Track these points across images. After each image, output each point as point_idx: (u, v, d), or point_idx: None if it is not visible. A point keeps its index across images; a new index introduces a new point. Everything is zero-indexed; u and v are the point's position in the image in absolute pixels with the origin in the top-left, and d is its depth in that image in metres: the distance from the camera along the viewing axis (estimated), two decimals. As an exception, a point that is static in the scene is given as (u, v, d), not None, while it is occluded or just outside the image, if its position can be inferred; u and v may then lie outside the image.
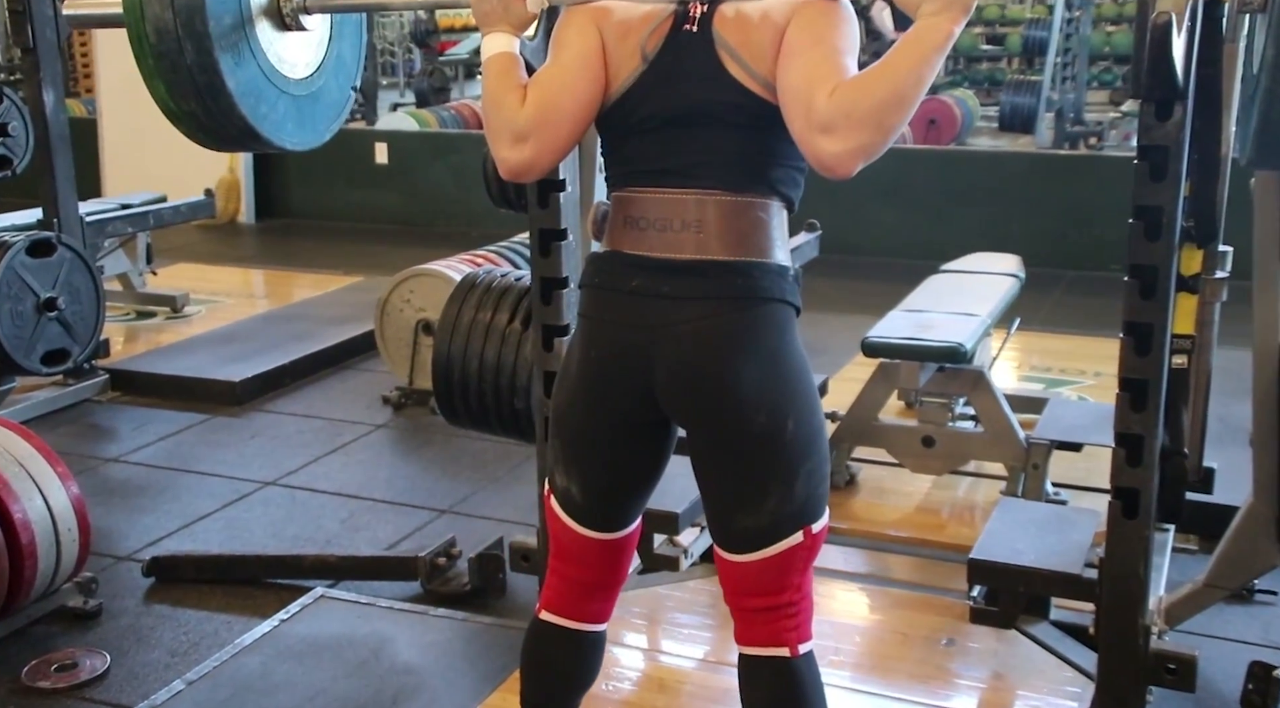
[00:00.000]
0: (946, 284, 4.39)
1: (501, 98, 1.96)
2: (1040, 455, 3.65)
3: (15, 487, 3.14)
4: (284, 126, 2.47)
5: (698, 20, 1.93)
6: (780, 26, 1.86)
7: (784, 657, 2.01)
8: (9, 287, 4.45)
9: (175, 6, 2.14)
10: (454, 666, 2.97)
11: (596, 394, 2.04)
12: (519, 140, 1.95)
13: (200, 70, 2.21)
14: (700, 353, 1.92)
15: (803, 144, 1.81)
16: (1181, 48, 2.26)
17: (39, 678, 3.07)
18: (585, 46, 1.96)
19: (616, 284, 1.98)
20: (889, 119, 1.72)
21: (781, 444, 1.93)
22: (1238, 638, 3.20)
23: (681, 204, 1.93)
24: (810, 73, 1.79)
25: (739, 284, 1.92)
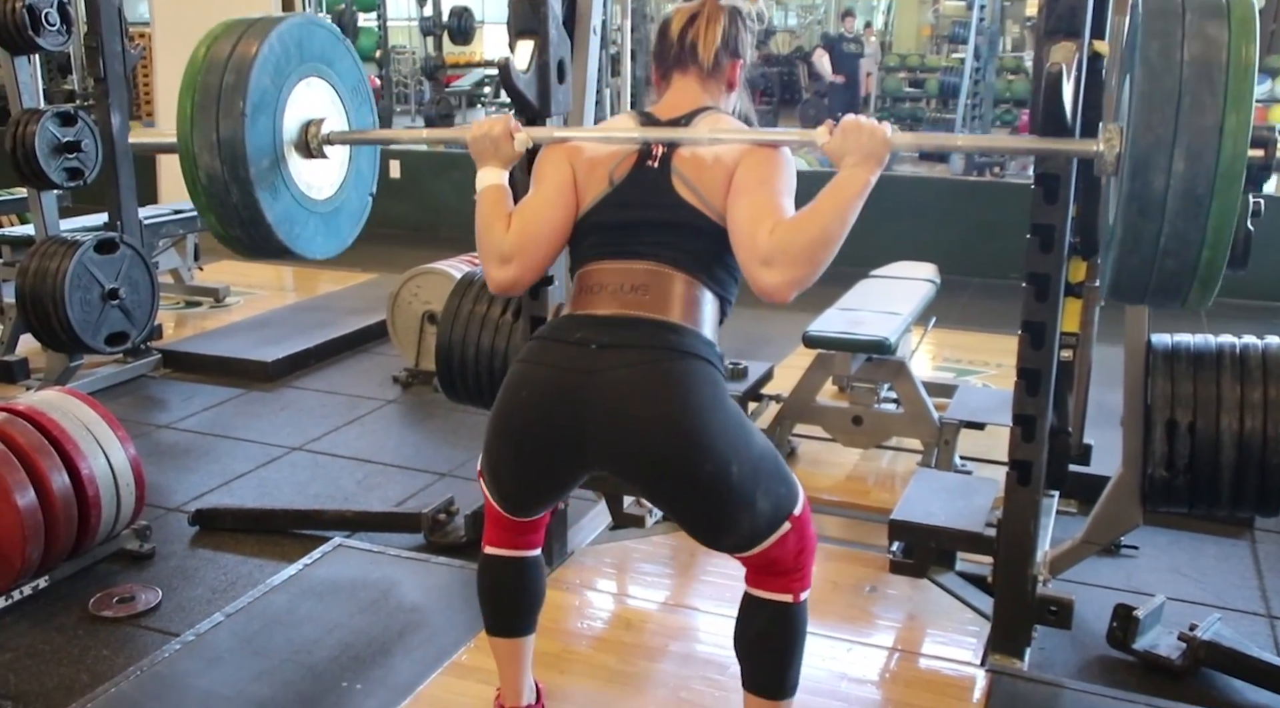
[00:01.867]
0: (874, 287, 4.41)
1: (491, 224, 1.99)
2: (950, 433, 3.67)
3: (83, 447, 3.13)
4: (314, 241, 2.48)
5: (659, 158, 1.96)
6: (730, 168, 1.89)
7: (786, 602, 2.00)
8: (79, 278, 4.42)
9: (222, 156, 2.18)
10: (452, 605, 2.96)
11: (518, 440, 1.93)
12: (504, 261, 1.97)
13: (244, 207, 2.24)
14: (636, 397, 1.82)
15: (746, 272, 1.83)
16: (1070, 92, 2.28)
17: (103, 608, 3.06)
18: (560, 179, 1.99)
19: (561, 336, 1.92)
20: (819, 255, 1.76)
21: (730, 485, 1.84)
22: (1106, 585, 3.24)
23: (632, 272, 1.91)
24: (754, 212, 1.81)
25: (670, 338, 1.85)
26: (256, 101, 2.21)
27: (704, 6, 2.04)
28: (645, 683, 2.60)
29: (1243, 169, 1.61)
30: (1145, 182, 1.65)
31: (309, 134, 2.36)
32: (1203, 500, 2.84)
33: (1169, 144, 1.61)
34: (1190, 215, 1.63)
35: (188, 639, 2.78)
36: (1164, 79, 1.63)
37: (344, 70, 2.49)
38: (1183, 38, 1.65)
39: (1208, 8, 1.68)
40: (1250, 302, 6.73)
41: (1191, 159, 1.61)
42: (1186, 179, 1.62)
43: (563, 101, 2.87)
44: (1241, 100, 1.60)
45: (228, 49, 2.23)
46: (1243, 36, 1.64)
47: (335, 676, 2.63)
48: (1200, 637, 2.78)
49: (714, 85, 2.06)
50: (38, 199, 4.66)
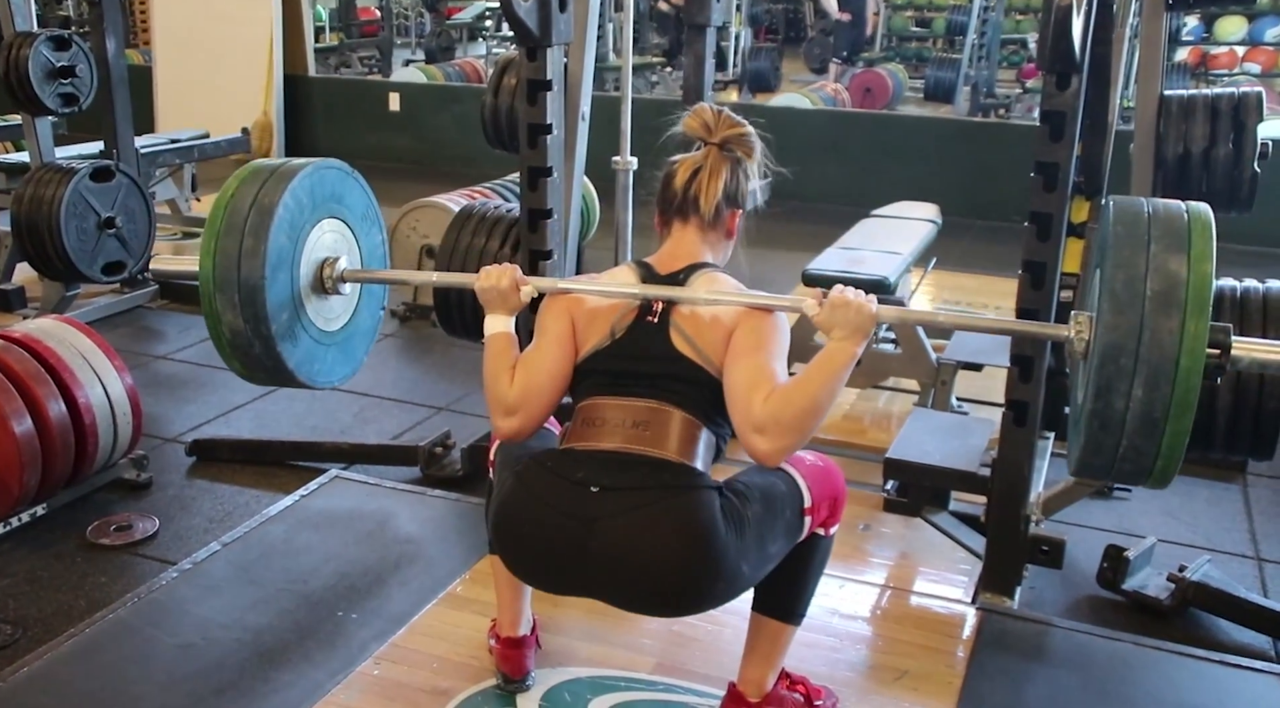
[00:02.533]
0: (875, 227, 4.37)
1: (498, 375, 2.04)
2: (947, 374, 3.66)
3: (80, 376, 3.12)
4: (333, 372, 2.53)
5: (659, 314, 2.00)
6: (729, 329, 1.94)
7: (818, 534, 2.08)
8: (75, 206, 4.38)
9: (244, 316, 2.24)
10: (447, 537, 2.98)
11: (526, 569, 2.03)
12: (509, 413, 2.02)
13: (267, 358, 2.32)
14: (640, 544, 1.85)
15: (740, 435, 1.88)
16: (1079, 28, 2.24)
17: (101, 536, 3.08)
18: (560, 330, 2.05)
19: (563, 472, 1.92)
20: (807, 423, 1.82)
21: (745, 580, 1.93)
22: (1098, 526, 3.26)
23: (634, 408, 1.95)
24: (750, 379, 1.87)
25: (666, 477, 1.89)
26: (275, 262, 2.26)
27: (707, 158, 2.06)
28: (639, 617, 2.60)
29: (1195, 399, 1.75)
30: (1107, 403, 1.78)
31: (324, 275, 2.40)
32: (1197, 443, 2.80)
33: (1130, 373, 1.74)
34: (1147, 435, 1.78)
35: (185, 568, 2.80)
36: (1127, 313, 1.75)
37: (353, 202, 2.51)
38: (1146, 272, 1.77)
39: (1171, 238, 1.80)
40: (1254, 247, 6.69)
41: (1149, 388, 1.74)
42: (1145, 404, 1.75)
43: (564, 31, 2.83)
44: (1197, 339, 1.73)
45: (246, 207, 2.26)
46: (1199, 273, 1.76)
47: (331, 605, 2.65)
48: (1189, 578, 2.80)
49: (713, 235, 2.09)
50: (32, 125, 4.60)
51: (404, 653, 2.44)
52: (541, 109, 2.82)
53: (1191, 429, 2.71)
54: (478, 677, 2.35)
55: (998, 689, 2.39)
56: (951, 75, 11.23)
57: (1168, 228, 1.80)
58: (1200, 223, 1.82)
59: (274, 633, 2.53)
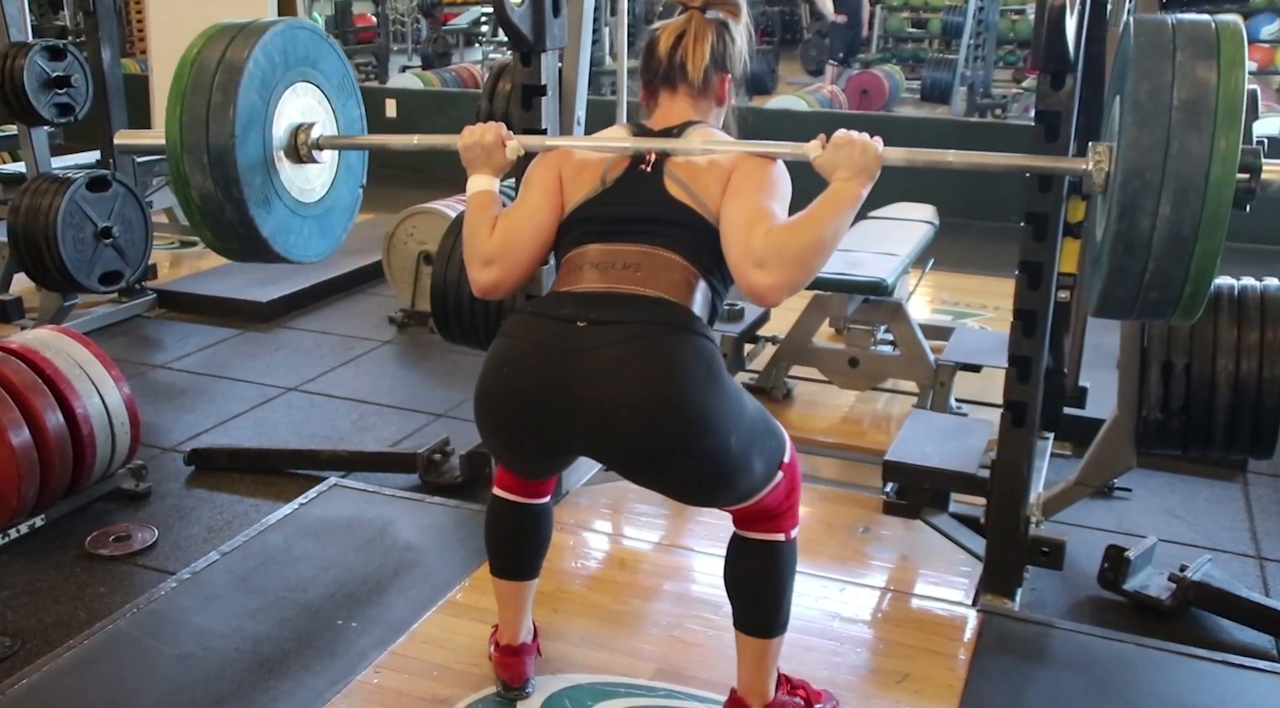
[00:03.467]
0: (873, 228, 4.36)
1: (477, 228, 1.97)
2: (946, 375, 3.66)
3: (77, 387, 3.11)
4: (309, 245, 2.46)
5: (652, 163, 1.93)
6: (727, 171, 1.87)
7: (779, 541, 2.01)
8: (72, 216, 4.38)
9: (214, 177, 2.15)
10: (447, 545, 2.97)
11: (501, 422, 1.89)
12: (487, 264, 1.95)
13: (239, 224, 2.23)
14: (628, 376, 1.75)
15: (738, 273, 1.79)
16: (1073, 27, 2.24)
17: (99, 546, 3.07)
18: (546, 183, 1.97)
19: (547, 311, 1.85)
20: (811, 260, 1.75)
21: (730, 456, 1.81)
22: (1099, 527, 3.25)
23: (624, 252, 1.87)
24: (750, 215, 1.79)
25: (662, 314, 1.80)
26: (245, 121, 2.17)
27: (690, 22, 2.00)
28: (639, 622, 2.61)
29: (1227, 215, 1.64)
30: (1132, 223, 1.67)
31: (298, 141, 2.33)
32: (1197, 443, 2.84)
33: (1156, 189, 1.64)
34: (1175, 256, 1.67)
35: (184, 577, 2.79)
36: (1153, 126, 1.65)
37: (329, 68, 2.44)
38: (1173, 80, 1.66)
39: (1198, 46, 1.68)
40: (1251, 245, 6.69)
41: (1178, 204, 1.64)
42: (1173, 222, 1.65)
43: (558, 36, 2.82)
44: (1228, 151, 1.62)
45: (213, 64, 2.16)
46: (1231, 81, 1.65)
47: (331, 613, 2.64)
48: (1190, 578, 2.79)
49: (704, 102, 2.04)
50: (28, 136, 4.59)
51: (404, 661, 2.43)
52: (536, 114, 2.82)
53: (1191, 425, 2.76)
54: (478, 685, 2.34)
55: (999, 692, 2.38)
56: (947, 76, 11.23)
57: (1194, 36, 1.68)
58: (1230, 30, 1.69)
59: (273, 642, 2.52)
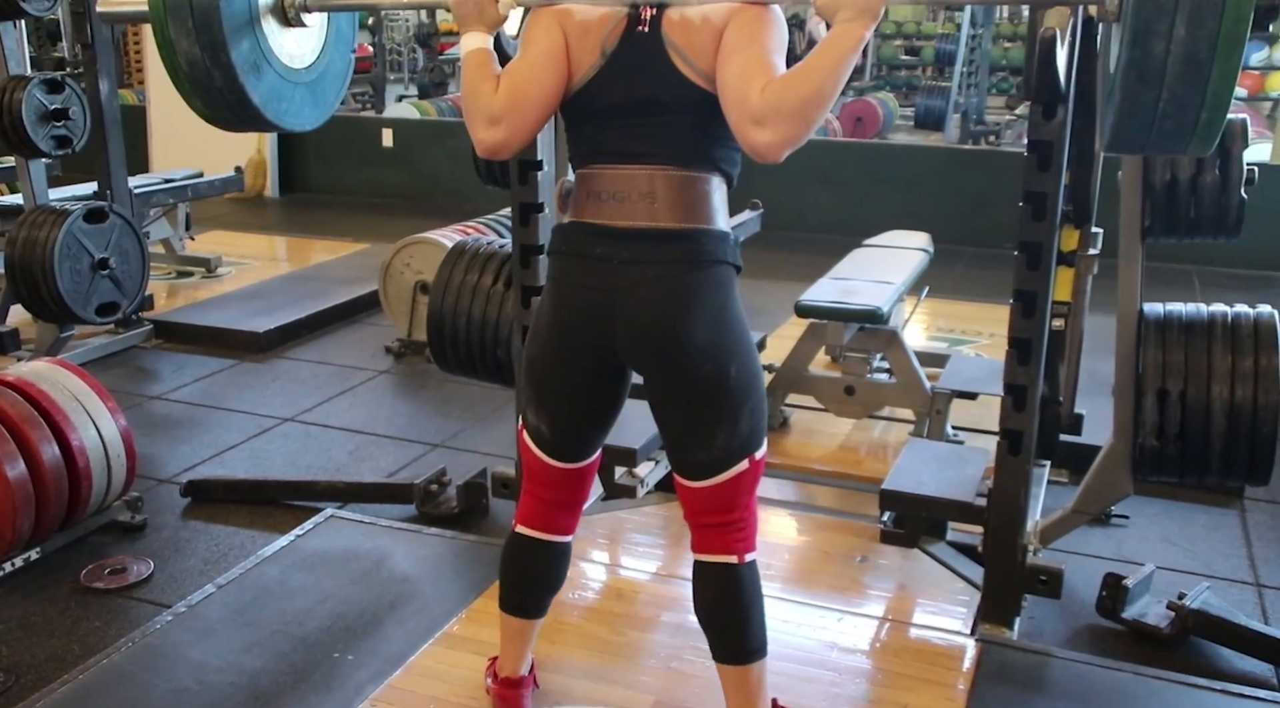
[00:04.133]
0: (867, 256, 4.38)
1: (478, 86, 1.92)
2: (942, 403, 3.66)
3: (73, 419, 3.11)
4: (301, 113, 2.44)
5: (648, 22, 1.89)
6: (719, 28, 1.84)
7: (732, 563, 2.03)
8: (69, 248, 4.39)
9: (200, 42, 2.12)
10: (444, 576, 2.96)
11: (564, 347, 2.02)
12: (493, 123, 1.91)
13: (229, 91, 2.20)
14: (656, 310, 1.91)
15: (738, 133, 1.79)
16: (1064, 58, 2.26)
17: (95, 580, 3.06)
18: (551, 43, 1.92)
19: (582, 250, 1.97)
20: (811, 112, 1.72)
21: (726, 388, 1.93)
22: (1097, 554, 3.24)
23: (636, 178, 1.92)
24: (745, 71, 1.77)
25: (688, 249, 1.91)
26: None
27: None
28: (636, 653, 2.60)
29: (1245, 32, 1.56)
30: (1145, 49, 1.61)
31: (285, 2, 2.29)
32: (1193, 470, 2.84)
33: (1170, 9, 1.58)
34: (1190, 81, 1.60)
35: (179, 611, 2.78)
36: None
37: None
38: None
39: None
40: (1246, 271, 6.73)
41: (1193, 24, 1.57)
42: (1187, 44, 1.58)
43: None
44: None
45: None
46: None
47: (327, 646, 2.63)
48: (1188, 605, 2.79)
49: None
50: (26, 168, 4.62)
51: (400, 695, 2.42)
52: (532, 146, 2.83)
53: (1186, 452, 2.76)
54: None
55: (999, 722, 2.37)
56: (941, 103, 11.32)
57: None
58: None
59: (269, 676, 2.51)
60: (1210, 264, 6.75)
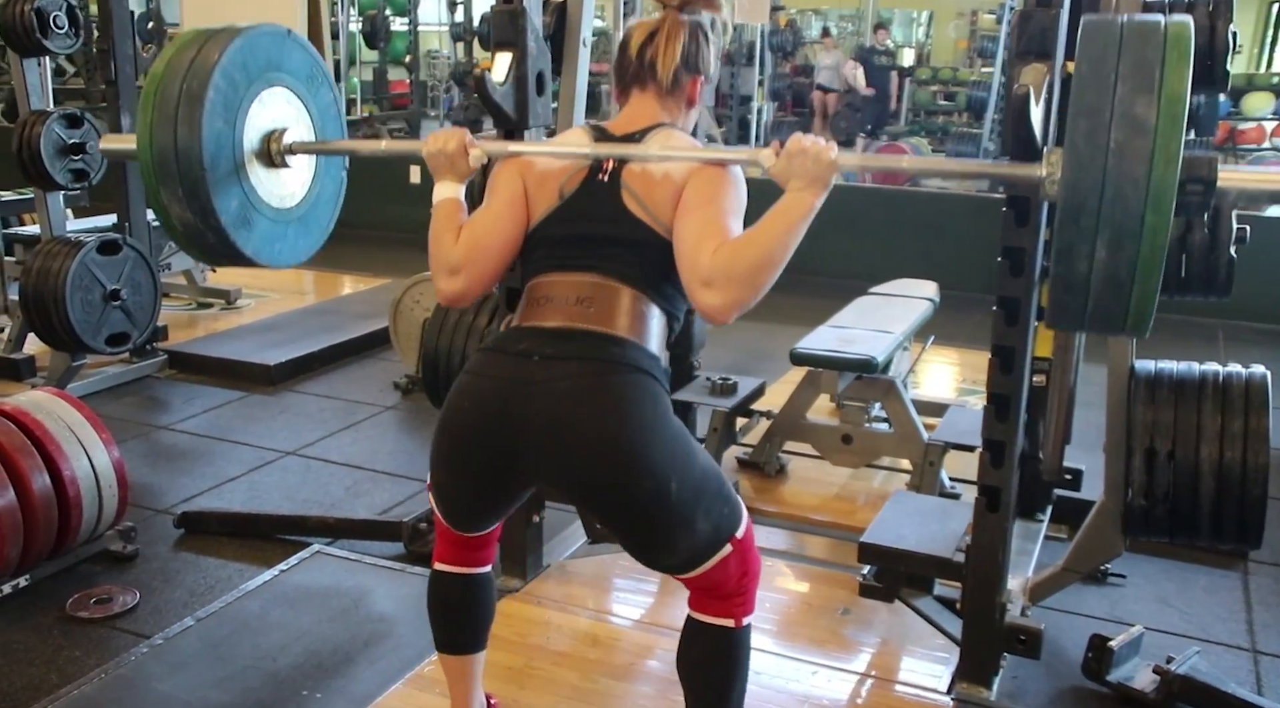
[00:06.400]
0: (870, 304, 4.37)
1: (441, 237, 2.00)
2: (935, 455, 3.63)
3: (66, 449, 3.16)
4: (296, 247, 2.52)
5: (609, 172, 1.95)
6: (679, 185, 1.88)
7: (729, 627, 1.99)
8: (81, 279, 4.48)
9: (191, 209, 2.22)
10: (421, 616, 2.85)
11: (458, 451, 1.92)
12: (453, 273, 1.97)
13: (222, 246, 2.31)
14: (576, 411, 1.80)
15: (688, 292, 1.82)
16: (1039, 115, 2.25)
17: (79, 609, 3.09)
18: (510, 193, 2.00)
19: (505, 347, 1.91)
20: (759, 278, 1.75)
21: (669, 504, 1.82)
22: (1089, 614, 3.19)
23: (578, 284, 1.91)
24: (699, 231, 1.81)
25: (614, 351, 1.85)
26: (213, 152, 2.21)
27: (664, 22, 2.02)
28: (606, 701, 2.59)
29: (1162, 259, 1.65)
30: (1070, 267, 1.71)
31: (271, 148, 2.37)
32: (1183, 531, 2.80)
33: (1091, 234, 1.66)
34: (1113, 295, 1.71)
35: (156, 643, 2.81)
36: (1089, 169, 1.66)
37: (295, 66, 2.45)
38: (1110, 119, 1.65)
39: (1140, 76, 1.66)
40: (1273, 326, 6.63)
41: (1113, 249, 1.67)
42: (1109, 265, 1.68)
43: (541, 113, 2.88)
44: (1162, 194, 1.63)
45: (175, 92, 2.19)
46: (1169, 118, 1.64)
47: (297, 684, 2.64)
48: (1175, 670, 2.73)
49: (673, 102, 2.05)
50: (43, 199, 4.73)
51: (363, 735, 2.43)
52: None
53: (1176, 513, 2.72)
54: (434, 762, 2.34)
55: (966, 785, 2.33)
56: (971, 149, 11.29)
57: (1138, 63, 1.66)
58: (1176, 53, 1.66)
59: (235, 712, 2.53)
60: (1236, 319, 6.66)
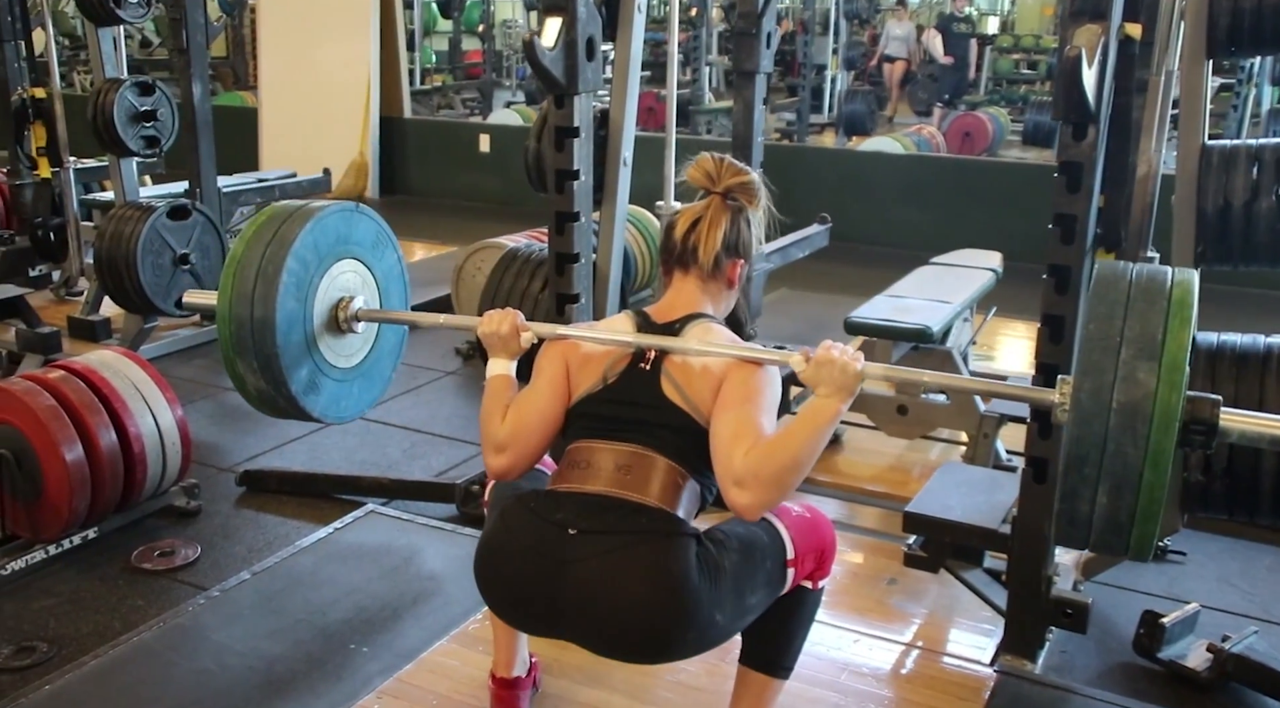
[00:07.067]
0: (930, 274, 4.31)
1: (491, 415, 2.09)
2: (990, 426, 3.58)
3: (132, 407, 3.26)
4: (360, 401, 2.66)
5: (651, 361, 2.02)
6: (718, 378, 1.96)
7: (806, 587, 2.09)
8: (151, 243, 4.61)
9: (265, 379, 2.39)
10: (469, 575, 2.94)
11: (496, 600, 2.03)
12: (499, 451, 2.07)
13: (293, 409, 2.49)
14: (610, 587, 1.87)
15: (721, 487, 1.90)
16: (1093, 78, 2.21)
17: (144, 561, 3.20)
18: (553, 373, 2.08)
19: (544, 513, 1.95)
20: (787, 479, 1.83)
21: (717, 631, 1.93)
22: (1146, 591, 3.13)
23: (619, 452, 1.97)
24: (735, 431, 1.88)
25: (645, 522, 1.90)
26: (285, 329, 2.37)
27: (708, 208, 2.09)
28: (646, 662, 2.61)
29: (1160, 510, 1.74)
30: (1073, 506, 1.80)
31: (339, 317, 2.50)
32: (1242, 508, 2.74)
33: (1094, 482, 1.75)
34: (1114, 533, 1.80)
35: (213, 595, 2.90)
36: (1093, 424, 1.73)
37: (361, 237, 2.58)
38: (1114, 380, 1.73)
39: (1143, 344, 1.75)
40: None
41: (1114, 496, 1.75)
42: (1110, 509, 1.76)
43: (591, 79, 2.88)
44: (1160, 456, 1.71)
45: (253, 274, 2.35)
46: (1169, 385, 1.71)
47: (345, 638, 2.72)
48: (1229, 649, 2.68)
49: (713, 285, 2.12)
50: (117, 165, 4.86)
51: (407, 689, 2.48)
52: (569, 155, 2.88)
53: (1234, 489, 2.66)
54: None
55: (1003, 756, 2.32)
56: (1049, 119, 11.03)
57: (1142, 332, 1.76)
58: (1179, 320, 1.76)
59: (285, 663, 2.61)
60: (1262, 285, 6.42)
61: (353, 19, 9.08)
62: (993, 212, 7.41)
